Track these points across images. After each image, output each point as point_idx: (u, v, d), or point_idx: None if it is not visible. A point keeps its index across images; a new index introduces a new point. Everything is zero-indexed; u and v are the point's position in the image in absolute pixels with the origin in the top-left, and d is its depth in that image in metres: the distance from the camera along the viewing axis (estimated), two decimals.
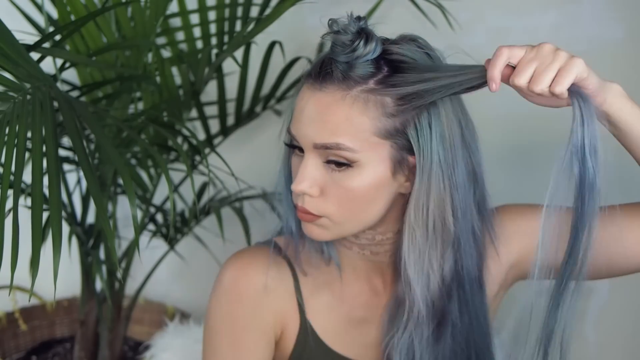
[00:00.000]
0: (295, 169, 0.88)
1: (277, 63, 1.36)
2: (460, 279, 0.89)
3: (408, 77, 0.81)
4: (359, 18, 0.82)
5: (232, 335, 0.93)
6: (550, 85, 0.76)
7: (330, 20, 0.83)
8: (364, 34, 0.81)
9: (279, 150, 0.97)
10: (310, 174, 0.83)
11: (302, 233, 0.93)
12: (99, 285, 1.40)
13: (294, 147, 0.86)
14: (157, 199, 1.48)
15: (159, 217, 1.52)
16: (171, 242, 1.42)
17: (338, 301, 0.95)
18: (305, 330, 0.94)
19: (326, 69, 0.82)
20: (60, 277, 0.77)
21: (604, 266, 0.88)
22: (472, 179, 0.86)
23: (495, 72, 0.76)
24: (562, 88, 0.75)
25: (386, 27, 0.97)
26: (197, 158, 1.38)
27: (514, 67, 0.78)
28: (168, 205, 1.48)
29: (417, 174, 0.82)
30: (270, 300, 0.93)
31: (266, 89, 1.41)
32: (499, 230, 0.95)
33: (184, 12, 1.27)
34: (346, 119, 0.80)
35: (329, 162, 0.83)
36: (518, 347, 1.52)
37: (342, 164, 0.82)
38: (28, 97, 0.87)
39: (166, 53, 1.32)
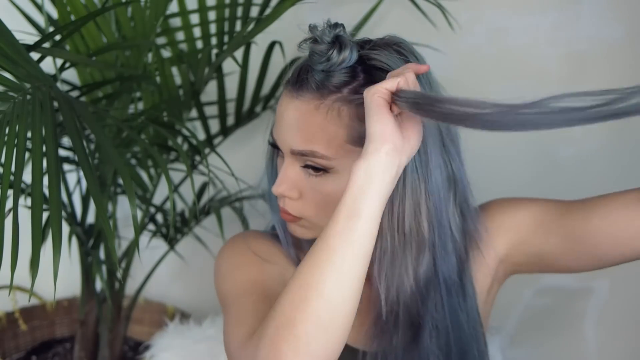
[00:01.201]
0: (279, 169, 0.90)
1: (277, 63, 1.36)
2: (436, 284, 0.89)
3: None
4: (335, 25, 0.83)
5: (254, 264, 0.92)
6: None
7: (310, 25, 0.84)
8: (338, 43, 0.82)
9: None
10: (288, 178, 0.86)
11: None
12: (99, 285, 1.40)
13: (277, 148, 0.88)
14: (157, 199, 1.48)
15: (159, 217, 1.52)
16: (171, 242, 1.42)
17: None
18: None
19: (302, 77, 0.84)
20: (60, 277, 0.77)
21: (609, 252, 0.87)
22: (450, 184, 0.87)
23: None
24: None
25: (386, 27, 0.97)
26: (197, 158, 1.38)
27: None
28: (168, 205, 1.48)
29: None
30: (278, 267, 0.94)
31: (266, 89, 1.41)
32: (490, 224, 0.95)
33: (184, 12, 1.26)
34: (320, 127, 0.82)
35: (306, 166, 0.85)
36: (517, 346, 1.53)
37: (319, 169, 0.84)
38: (28, 97, 0.87)
39: (166, 53, 1.32)
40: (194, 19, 1.29)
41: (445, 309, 0.91)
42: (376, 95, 0.74)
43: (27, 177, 0.83)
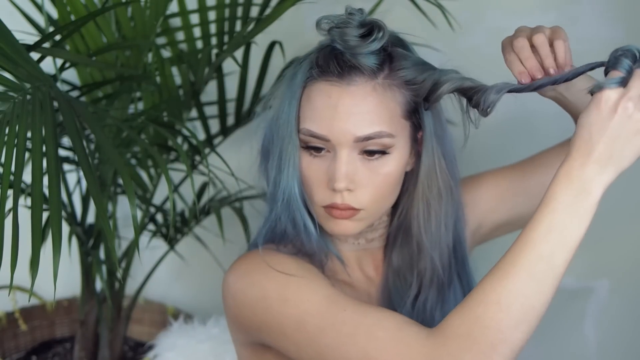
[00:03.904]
0: (314, 169, 0.87)
1: (277, 63, 1.36)
2: (459, 243, 0.96)
3: (405, 63, 0.87)
4: (361, 10, 0.86)
5: (311, 280, 0.86)
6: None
7: (323, 19, 0.86)
8: (376, 26, 0.85)
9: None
10: (349, 169, 0.85)
11: (284, 238, 0.92)
12: (99, 285, 1.40)
13: (313, 148, 0.87)
14: (157, 199, 1.48)
15: (159, 217, 1.52)
16: (171, 242, 1.42)
17: (349, 289, 0.95)
18: None
19: (345, 64, 0.84)
20: (60, 277, 0.77)
21: None
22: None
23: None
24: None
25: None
26: (197, 158, 1.38)
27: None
28: (168, 205, 1.48)
29: (424, 147, 0.89)
30: (319, 277, 0.89)
31: (266, 89, 1.41)
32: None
33: (184, 12, 1.27)
34: (383, 106, 0.84)
35: (363, 152, 0.85)
36: None
37: (375, 152, 0.85)
38: (28, 97, 0.87)
39: (166, 53, 1.32)
40: (194, 19, 1.28)
41: (465, 265, 0.98)
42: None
43: (27, 177, 0.82)
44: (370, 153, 0.85)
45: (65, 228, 1.31)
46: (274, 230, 0.94)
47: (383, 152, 0.85)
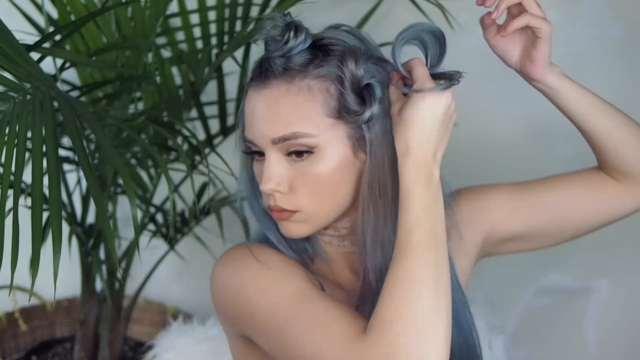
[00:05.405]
0: (259, 174, 0.88)
1: None
2: None
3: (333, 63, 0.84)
4: (285, 14, 0.86)
5: (286, 273, 0.86)
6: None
7: (258, 21, 0.86)
8: (293, 26, 0.84)
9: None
10: (275, 171, 0.85)
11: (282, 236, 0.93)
12: (99, 285, 1.40)
13: (253, 152, 0.88)
14: (157, 199, 1.48)
15: (159, 217, 1.52)
16: (171, 242, 1.42)
17: (337, 290, 0.95)
18: None
19: (265, 67, 0.85)
20: (60, 277, 0.77)
21: (568, 230, 1.00)
22: None
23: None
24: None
25: (386, 27, 0.97)
26: (197, 158, 1.38)
27: None
28: (168, 205, 1.48)
29: (367, 146, 0.85)
30: (300, 274, 0.88)
31: None
32: (459, 214, 0.98)
33: (184, 12, 1.27)
34: (295, 107, 0.82)
35: (289, 154, 0.84)
36: (517, 346, 1.53)
37: (303, 152, 0.84)
38: (28, 97, 0.87)
39: (166, 53, 1.32)
40: (194, 19, 1.28)
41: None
42: None
43: (27, 177, 0.83)
44: (298, 154, 0.84)
45: (65, 228, 1.31)
46: None
47: (310, 152, 0.84)
